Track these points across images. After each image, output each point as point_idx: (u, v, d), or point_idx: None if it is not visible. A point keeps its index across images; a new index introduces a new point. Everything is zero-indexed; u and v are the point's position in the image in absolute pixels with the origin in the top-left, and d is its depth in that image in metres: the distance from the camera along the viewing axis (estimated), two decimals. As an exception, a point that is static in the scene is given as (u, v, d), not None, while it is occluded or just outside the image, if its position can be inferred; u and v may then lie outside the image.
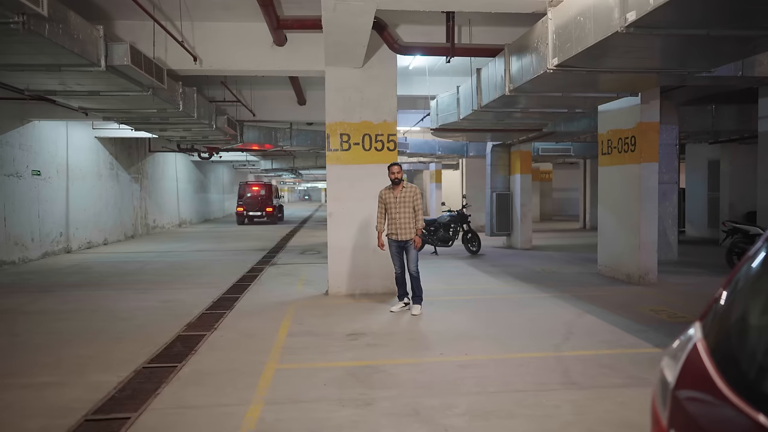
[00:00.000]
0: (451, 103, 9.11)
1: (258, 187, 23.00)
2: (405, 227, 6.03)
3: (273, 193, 23.28)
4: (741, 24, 3.56)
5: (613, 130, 8.42)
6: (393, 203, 6.07)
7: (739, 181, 12.88)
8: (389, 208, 6.10)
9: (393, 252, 6.24)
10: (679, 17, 3.38)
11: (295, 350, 4.90)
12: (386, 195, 6.14)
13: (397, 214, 6.05)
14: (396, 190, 6.10)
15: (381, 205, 6.20)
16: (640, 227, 7.91)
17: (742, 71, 5.96)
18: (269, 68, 7.40)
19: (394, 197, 6.07)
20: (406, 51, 6.83)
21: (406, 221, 6.03)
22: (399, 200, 6.04)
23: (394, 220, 6.06)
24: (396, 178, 6.05)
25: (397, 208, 6.05)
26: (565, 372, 4.26)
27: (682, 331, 4.97)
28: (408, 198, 6.04)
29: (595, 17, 3.93)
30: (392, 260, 6.32)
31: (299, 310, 6.57)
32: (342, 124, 7.29)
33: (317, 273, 9.22)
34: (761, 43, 3.96)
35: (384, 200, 6.15)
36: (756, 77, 6.10)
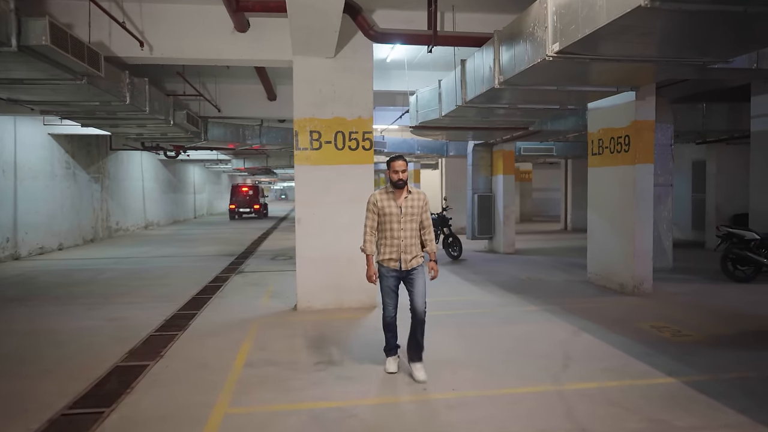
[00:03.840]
0: (432, 98, 8.43)
1: (247, 188, 28.62)
2: (411, 249, 4.20)
3: (260, 193, 28.93)
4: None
5: (604, 129, 7.85)
6: (394, 215, 4.18)
7: (726, 182, 12.53)
8: (387, 222, 4.20)
9: (387, 286, 4.26)
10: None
11: (252, 386, 4.14)
12: (383, 203, 4.21)
13: (401, 231, 4.16)
14: (398, 195, 4.22)
15: (373, 216, 4.25)
16: (635, 233, 7.36)
17: (757, 63, 5.43)
18: (230, 57, 6.60)
19: (397, 206, 4.19)
20: (384, 39, 6.12)
21: (412, 241, 4.21)
22: (404, 211, 4.19)
23: (395, 239, 4.18)
24: (400, 179, 4.16)
25: (401, 222, 4.18)
26: (568, 412, 3.61)
27: (690, 353, 4.34)
28: (416, 208, 4.23)
29: (609, -9, 3.30)
30: (383, 298, 4.32)
31: (263, 330, 5.80)
32: (312, 120, 6.54)
33: (287, 282, 8.46)
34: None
35: (379, 210, 4.22)
36: (765, 69, 5.57)
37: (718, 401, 3.77)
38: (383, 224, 4.23)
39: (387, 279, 4.28)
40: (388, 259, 4.24)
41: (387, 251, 4.24)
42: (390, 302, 4.32)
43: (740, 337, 5.42)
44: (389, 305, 4.34)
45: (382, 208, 4.23)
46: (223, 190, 41.75)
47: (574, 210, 19.11)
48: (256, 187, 28.82)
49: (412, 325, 4.29)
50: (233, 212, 27.89)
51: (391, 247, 4.22)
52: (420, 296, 4.23)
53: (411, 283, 4.26)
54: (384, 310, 4.36)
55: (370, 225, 4.28)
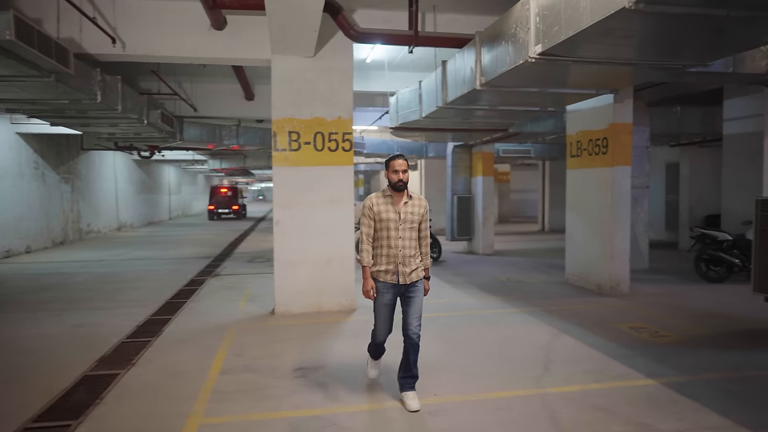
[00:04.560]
0: (412, 99, 8.37)
1: (226, 189, 28.94)
2: (410, 261, 3.73)
3: (238, 194, 29.21)
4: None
5: (583, 131, 7.91)
6: (391, 221, 3.71)
7: (698, 184, 12.79)
8: (383, 230, 3.74)
9: (382, 304, 3.77)
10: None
11: (228, 395, 4.00)
12: (380, 207, 3.74)
13: (399, 240, 3.70)
14: (398, 200, 3.75)
15: (369, 222, 3.78)
16: (612, 235, 7.42)
17: (734, 67, 5.52)
18: (206, 55, 6.42)
19: (396, 212, 3.72)
20: (364, 38, 6.03)
21: (412, 252, 3.75)
22: (403, 217, 3.72)
23: (392, 249, 3.70)
24: (401, 180, 3.68)
25: (401, 230, 3.71)
26: (552, 417, 3.58)
27: (668, 354, 4.37)
28: (416, 215, 3.76)
29: (593, -7, 3.27)
30: (376, 318, 3.83)
31: (240, 335, 5.65)
32: (291, 121, 6.42)
33: (265, 286, 8.30)
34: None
35: (376, 216, 3.75)
36: (746, 74, 5.67)
37: (699, 403, 3.78)
38: (379, 231, 3.75)
39: (382, 295, 3.74)
40: (383, 271, 3.72)
41: (383, 262, 3.72)
42: (383, 324, 3.79)
43: (717, 337, 5.49)
44: (381, 328, 3.81)
45: (378, 213, 3.73)
46: (200, 191, 41.11)
47: (552, 211, 19.30)
48: (235, 188, 29.15)
49: (405, 350, 3.79)
50: (212, 213, 28.16)
51: (387, 258, 3.71)
52: (417, 317, 3.74)
53: (408, 301, 3.77)
54: (374, 332, 3.85)
55: (367, 232, 3.78)
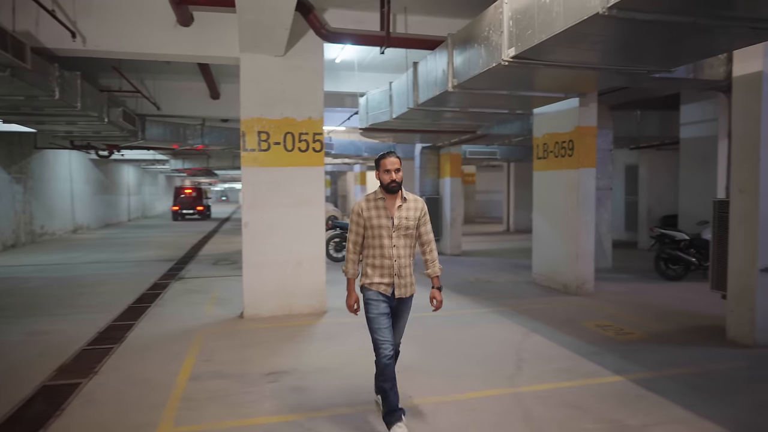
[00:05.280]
0: (382, 100, 8.36)
1: (191, 189, 28.81)
2: (406, 272, 3.36)
3: (203, 195, 29.33)
4: (733, 11, 3.10)
5: (549, 134, 8.08)
6: (384, 228, 3.30)
7: (656, 185, 13.27)
8: (375, 237, 3.32)
9: (379, 314, 3.32)
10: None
11: (199, 402, 3.88)
12: (370, 213, 3.33)
13: (394, 249, 3.30)
14: (391, 204, 3.34)
15: (357, 230, 3.38)
16: (578, 235, 7.60)
17: (694, 73, 5.75)
18: (171, 52, 6.23)
19: (388, 217, 3.31)
20: (336, 38, 5.98)
21: (407, 261, 3.38)
22: (398, 224, 3.31)
23: (386, 258, 3.30)
24: (394, 180, 3.27)
25: (395, 238, 3.30)
26: (527, 417, 3.62)
27: (634, 351, 4.51)
28: (412, 219, 3.35)
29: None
30: (375, 331, 3.32)
31: (208, 340, 5.50)
32: (260, 121, 6.30)
33: (231, 289, 8.12)
34: (741, 37, 3.58)
35: (367, 223, 3.34)
36: (705, 80, 5.92)
37: (665, 398, 3.90)
38: (371, 239, 3.34)
39: (377, 304, 3.32)
40: (377, 283, 3.34)
41: (377, 273, 3.33)
42: (385, 336, 3.27)
43: (678, 333, 5.69)
44: (384, 341, 3.27)
45: (369, 220, 3.31)
46: (160, 192, 39.98)
47: (516, 212, 19.66)
48: (200, 189, 29.19)
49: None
50: (176, 213, 28.04)
51: (381, 269, 3.32)
52: (399, 333, 3.52)
53: (396, 318, 3.44)
54: (377, 348, 3.28)
55: (354, 240, 3.40)
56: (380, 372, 3.32)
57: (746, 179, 5.06)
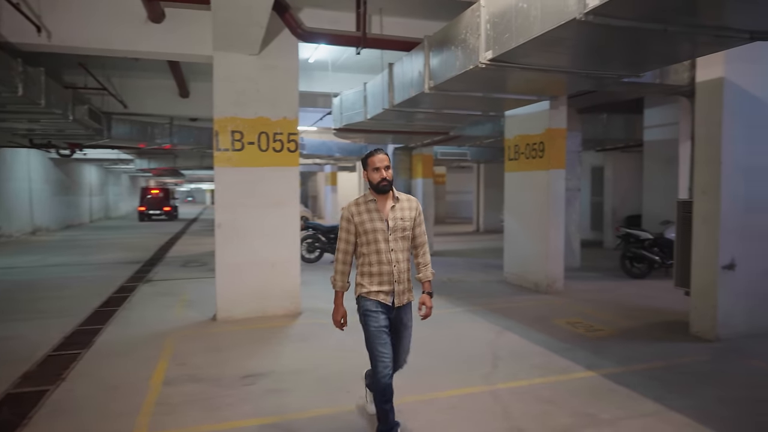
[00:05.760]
0: (357, 101, 8.36)
1: (158, 190, 29.05)
2: (404, 278, 3.12)
3: (170, 195, 29.18)
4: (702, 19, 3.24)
5: (520, 136, 8.23)
6: (379, 231, 3.04)
7: (620, 186, 13.69)
8: (371, 242, 3.05)
9: (378, 327, 3.04)
10: (644, 6, 2.96)
11: (175, 407, 3.80)
12: (362, 217, 3.05)
13: (392, 254, 3.05)
14: (383, 205, 3.09)
15: (347, 237, 3.10)
16: (548, 235, 7.78)
17: (660, 79, 5.98)
18: (141, 49, 6.07)
19: (382, 219, 3.06)
20: (311, 38, 5.95)
21: (406, 266, 3.12)
22: (393, 226, 3.06)
23: (384, 264, 3.05)
24: (384, 179, 3.01)
25: (391, 241, 3.06)
26: (505, 413, 3.69)
27: (604, 347, 4.66)
28: (407, 220, 3.11)
29: (544, 3, 3.41)
30: (373, 346, 3.04)
31: (180, 343, 5.39)
32: (234, 120, 6.20)
33: (202, 291, 7.97)
34: (706, 44, 3.75)
35: (359, 228, 3.06)
36: (670, 85, 6.17)
37: (635, 391, 4.04)
38: (366, 245, 3.05)
39: (377, 317, 3.03)
40: (377, 291, 3.05)
41: (375, 281, 3.05)
42: (384, 351, 3.00)
43: (645, 329, 5.89)
44: (383, 356, 2.99)
45: (362, 224, 3.03)
46: (124, 192, 38.87)
47: (486, 212, 19.95)
48: (167, 189, 29.16)
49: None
50: (143, 214, 27.79)
51: (380, 277, 3.04)
52: (406, 348, 3.20)
53: (398, 328, 3.13)
54: (376, 365, 3.00)
55: (343, 250, 3.10)
56: (381, 391, 3.02)
57: (708, 181, 5.29)
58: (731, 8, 3.11)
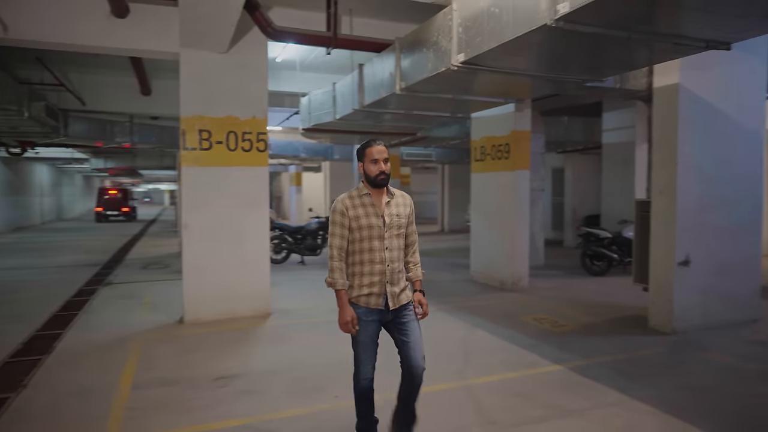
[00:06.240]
0: (326, 101, 8.35)
1: (116, 190, 28.61)
2: (399, 278, 2.93)
3: (129, 196, 28.78)
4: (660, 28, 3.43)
5: (486, 137, 8.41)
6: (374, 228, 2.85)
7: (580, 187, 14.15)
8: (364, 239, 2.85)
9: (367, 337, 2.90)
10: (610, 14, 3.11)
11: (146, 411, 3.72)
12: (357, 211, 2.85)
13: (386, 252, 2.86)
14: (378, 200, 2.90)
15: (342, 232, 2.86)
16: (514, 234, 7.98)
17: (621, 83, 6.25)
18: (104, 45, 5.88)
19: (377, 215, 2.87)
20: (282, 37, 5.91)
21: (400, 266, 2.95)
22: (389, 222, 2.88)
23: (376, 264, 2.86)
24: (383, 172, 2.83)
25: (387, 239, 2.87)
26: (479, 407, 3.78)
27: (569, 341, 4.84)
28: (403, 217, 2.94)
29: (515, 9, 3.52)
30: (358, 352, 2.94)
31: (147, 346, 5.26)
32: (201, 119, 6.10)
33: (166, 293, 7.80)
34: (665, 51, 3.96)
35: (353, 223, 2.85)
36: (629, 90, 6.44)
37: (599, 383, 4.21)
38: (358, 243, 2.85)
39: (365, 325, 2.86)
40: (366, 295, 2.85)
41: (365, 282, 2.85)
42: (367, 358, 2.91)
43: (606, 324, 6.13)
44: (366, 362, 2.91)
45: (356, 219, 2.83)
46: (78, 193, 37.38)
47: (451, 212, 20.23)
48: (125, 190, 28.86)
49: (405, 391, 2.99)
50: (100, 215, 27.26)
51: (371, 277, 2.84)
52: (418, 347, 2.91)
53: (403, 329, 2.91)
54: (357, 369, 2.93)
55: (339, 245, 2.85)
56: (358, 392, 2.97)
57: (665, 182, 5.56)
58: (689, 18, 3.30)
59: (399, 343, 2.94)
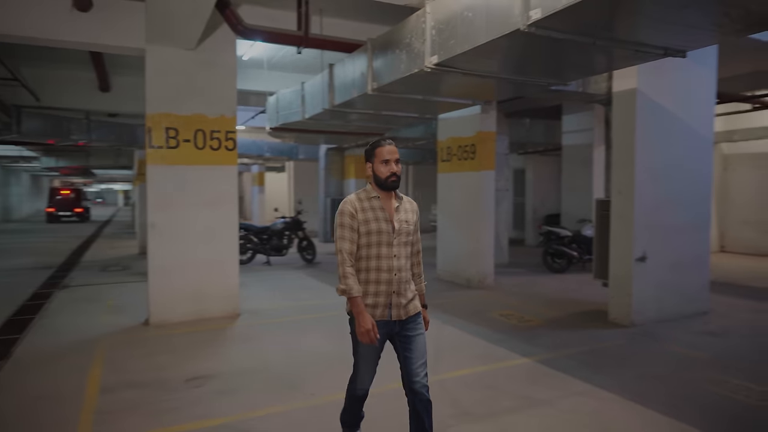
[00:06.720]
0: (294, 100, 8.31)
1: (69, 191, 28.06)
2: (406, 288, 2.74)
3: (82, 196, 28.26)
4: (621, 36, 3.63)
5: (453, 138, 8.58)
6: (383, 234, 2.67)
7: (540, 188, 14.59)
8: (372, 245, 2.66)
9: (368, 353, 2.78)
10: (579, 21, 3.27)
11: (117, 414, 3.64)
12: (367, 215, 2.66)
13: (394, 260, 2.69)
14: (388, 203, 2.72)
15: (351, 235, 2.65)
16: (479, 234, 8.17)
17: (583, 87, 6.51)
18: (65, 38, 5.68)
19: (387, 220, 2.68)
20: (252, 35, 5.87)
21: (408, 275, 2.77)
22: (399, 229, 2.70)
23: (383, 272, 2.67)
24: (394, 174, 2.65)
25: (395, 246, 2.69)
26: (453, 400, 3.88)
27: (535, 336, 5.05)
28: (411, 223, 2.76)
29: (489, 13, 3.64)
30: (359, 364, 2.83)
31: (113, 350, 5.12)
32: (168, 117, 5.98)
33: (128, 295, 7.59)
34: (627, 58, 4.18)
35: (362, 227, 2.66)
36: (590, 93, 6.73)
37: (566, 374, 4.40)
38: (364, 248, 2.66)
39: None
40: (371, 305, 2.67)
41: (370, 292, 2.66)
42: (367, 371, 2.80)
43: (569, 318, 6.38)
44: (365, 374, 2.80)
45: (365, 223, 2.64)
46: (25, 193, 35.61)
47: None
48: (78, 190, 28.54)
49: (414, 413, 2.77)
50: (52, 216, 26.58)
51: (377, 286, 2.66)
52: (422, 363, 2.75)
53: (407, 342, 2.74)
54: (355, 378, 2.84)
55: (349, 250, 2.63)
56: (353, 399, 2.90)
57: (623, 182, 5.84)
58: (650, 27, 3.51)
59: (401, 358, 2.77)
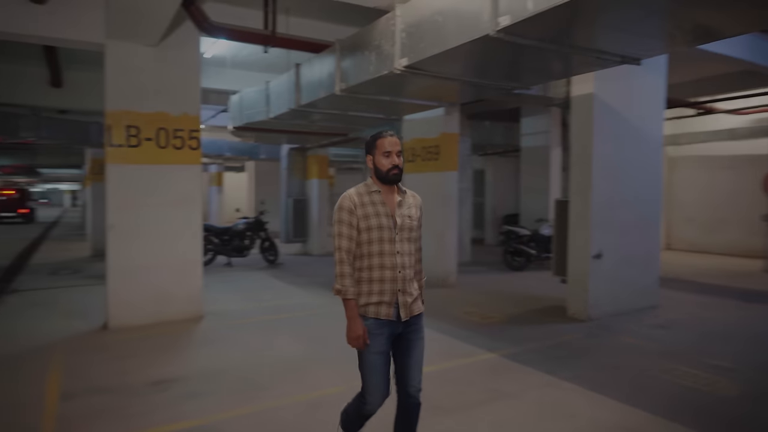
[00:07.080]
0: (258, 99, 8.21)
1: (12, 191, 26.87)
2: (411, 286, 2.61)
3: (27, 196, 27.48)
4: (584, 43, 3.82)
5: (417, 139, 8.70)
6: (386, 230, 2.52)
7: (499, 188, 14.97)
8: (373, 241, 2.51)
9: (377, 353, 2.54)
10: (544, 29, 3.42)
11: (81, 421, 3.53)
12: (367, 210, 2.52)
13: (398, 257, 2.53)
14: (390, 197, 2.58)
15: (350, 231, 2.51)
16: (443, 233, 8.32)
17: (544, 91, 6.75)
18: (18, 31, 5.42)
19: (388, 215, 2.54)
20: (218, 33, 5.77)
21: (412, 273, 2.62)
22: (401, 224, 2.55)
23: (387, 269, 2.51)
24: (396, 167, 2.52)
25: (398, 242, 2.54)
26: (424, 395, 3.85)
27: (498, 331, 5.22)
28: (415, 219, 2.62)
29: (459, 18, 3.74)
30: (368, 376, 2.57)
31: (71, 355, 4.94)
32: (129, 114, 5.81)
33: (83, 299, 7.33)
34: (589, 64, 4.39)
35: (362, 223, 2.51)
36: (550, 97, 6.98)
37: (529, 367, 4.57)
38: (366, 245, 2.50)
39: (375, 339, 2.50)
40: (376, 303, 2.50)
41: (375, 290, 2.50)
42: (379, 382, 2.54)
43: (530, 314, 6.60)
44: (376, 388, 2.54)
45: (365, 218, 2.49)
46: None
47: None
48: (23, 190, 27.80)
49: (401, 413, 2.67)
50: None
51: (381, 284, 2.50)
52: (419, 367, 2.65)
53: (407, 346, 2.61)
54: (366, 394, 2.57)
55: (347, 248, 2.50)
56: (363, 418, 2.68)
57: (581, 182, 6.10)
58: (609, 36, 3.72)
59: (397, 361, 2.63)
